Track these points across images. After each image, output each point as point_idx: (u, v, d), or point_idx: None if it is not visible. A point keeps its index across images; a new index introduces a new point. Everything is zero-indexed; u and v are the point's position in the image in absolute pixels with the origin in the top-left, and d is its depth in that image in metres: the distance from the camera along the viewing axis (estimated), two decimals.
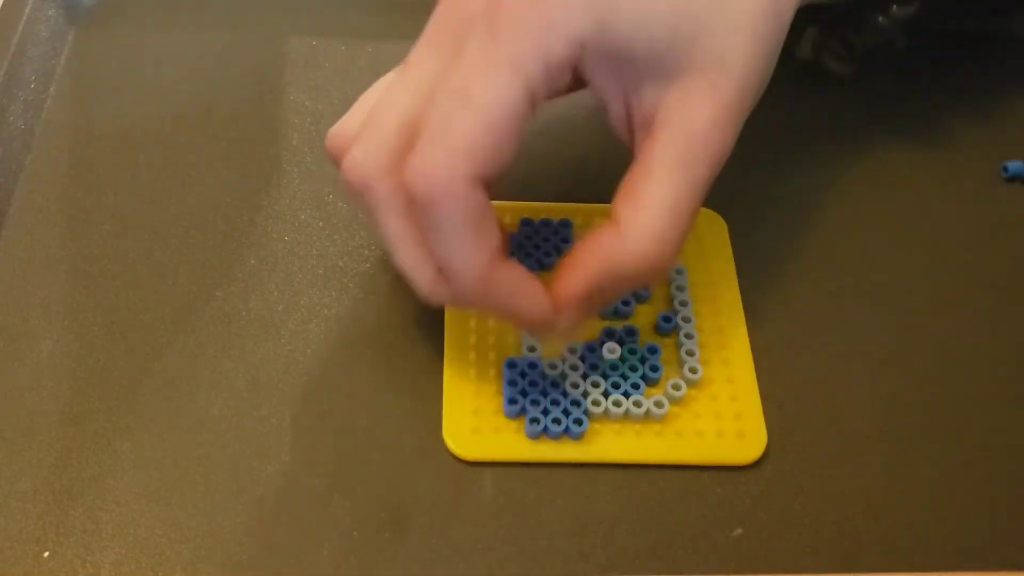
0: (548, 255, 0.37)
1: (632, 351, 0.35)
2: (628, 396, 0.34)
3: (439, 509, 0.32)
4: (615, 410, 0.34)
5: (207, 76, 0.43)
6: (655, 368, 0.34)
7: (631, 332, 0.35)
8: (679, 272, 0.37)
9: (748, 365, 0.35)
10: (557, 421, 0.33)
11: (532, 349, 0.35)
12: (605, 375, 0.34)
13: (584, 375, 0.34)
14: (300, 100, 0.43)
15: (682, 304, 0.36)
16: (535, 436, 0.33)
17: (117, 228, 0.38)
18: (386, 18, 0.46)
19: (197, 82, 0.43)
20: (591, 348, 0.35)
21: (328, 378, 0.35)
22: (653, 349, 0.35)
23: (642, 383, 0.34)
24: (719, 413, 0.34)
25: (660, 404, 0.34)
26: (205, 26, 0.45)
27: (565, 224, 0.38)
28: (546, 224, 0.38)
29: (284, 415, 0.34)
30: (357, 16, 0.46)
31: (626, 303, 0.36)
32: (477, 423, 0.34)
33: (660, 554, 0.32)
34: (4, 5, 0.42)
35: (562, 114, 0.43)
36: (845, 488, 0.33)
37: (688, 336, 0.36)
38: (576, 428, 0.33)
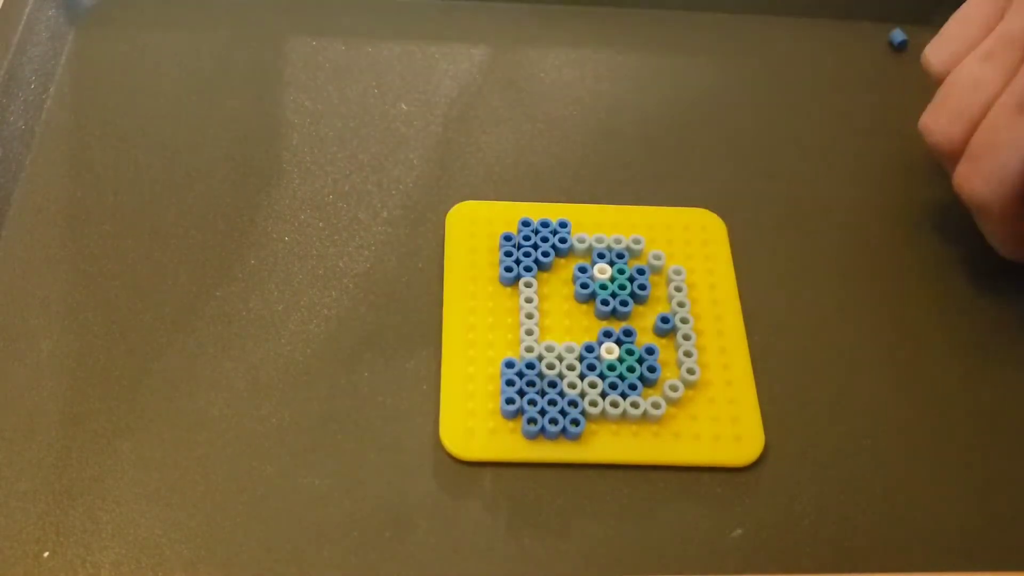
0: (546, 255, 0.37)
1: (630, 352, 0.35)
2: (625, 397, 0.34)
3: (438, 509, 0.32)
4: (612, 411, 0.34)
5: (207, 76, 0.43)
6: (653, 369, 0.35)
7: (629, 333, 0.35)
8: (678, 272, 0.37)
9: (746, 367, 0.35)
10: (554, 421, 0.33)
11: (530, 349, 0.35)
12: (602, 376, 0.34)
13: (581, 375, 0.34)
14: (300, 100, 0.43)
15: (680, 305, 0.36)
16: (532, 436, 0.33)
17: (117, 228, 0.38)
18: (386, 18, 0.46)
19: (197, 82, 0.43)
20: (589, 348, 0.35)
21: (328, 378, 0.35)
22: (651, 350, 0.35)
23: (640, 384, 0.34)
24: (717, 415, 0.34)
25: (657, 405, 0.34)
26: (205, 26, 0.45)
27: (563, 224, 0.38)
28: (544, 224, 0.38)
29: (284, 415, 0.34)
30: (357, 16, 0.46)
31: (624, 303, 0.36)
32: (474, 423, 0.34)
33: (658, 554, 0.32)
34: (4, 5, 0.42)
35: (561, 114, 0.43)
36: (843, 489, 0.33)
37: (686, 337, 0.36)
38: (573, 428, 0.33)
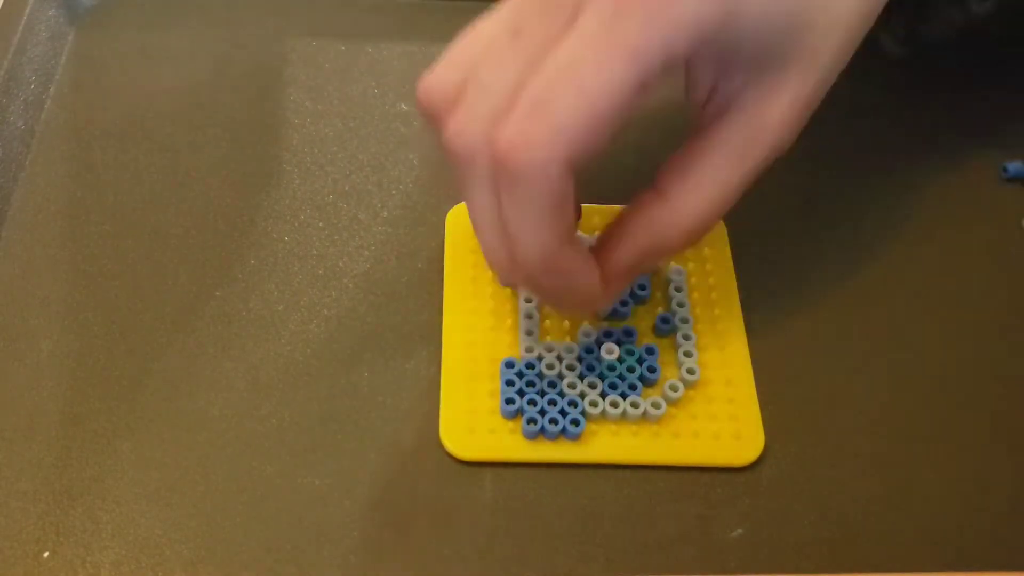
0: None
1: (630, 352, 0.35)
2: (625, 397, 0.34)
3: (438, 509, 0.32)
4: (612, 411, 0.34)
5: (207, 76, 0.43)
6: (653, 369, 0.35)
7: (629, 333, 0.35)
8: (678, 273, 0.37)
9: (746, 366, 0.35)
10: (554, 421, 0.33)
11: (530, 350, 0.35)
12: (602, 376, 0.34)
13: (581, 376, 0.34)
14: (300, 100, 0.43)
15: (680, 305, 0.36)
16: (532, 436, 0.33)
17: (117, 228, 0.38)
18: (386, 18, 0.46)
19: (197, 82, 0.43)
20: (589, 349, 0.35)
21: (328, 378, 0.35)
22: (651, 350, 0.35)
23: (639, 384, 0.34)
24: (716, 414, 0.34)
25: (657, 405, 0.34)
26: (205, 26, 0.45)
27: None
28: None
29: (284, 415, 0.34)
30: (357, 16, 0.46)
31: (624, 303, 0.36)
32: (474, 423, 0.34)
33: (658, 554, 0.32)
34: (4, 5, 0.42)
35: None
36: (843, 489, 0.33)
37: (686, 337, 0.36)
38: (573, 429, 0.33)
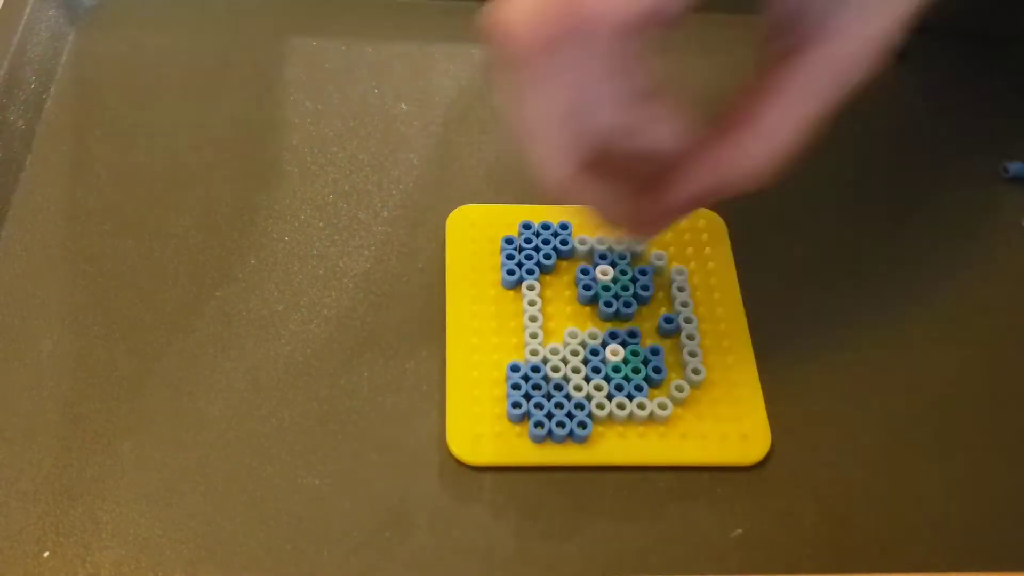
0: (548, 258, 0.37)
1: (635, 353, 0.35)
2: (632, 398, 0.34)
3: (439, 510, 0.32)
4: (619, 412, 0.33)
5: (207, 76, 0.43)
6: (658, 370, 0.34)
7: (633, 334, 0.35)
8: (679, 273, 0.37)
9: (751, 366, 0.35)
10: (561, 424, 0.33)
11: (535, 353, 0.35)
12: (608, 378, 0.34)
13: (587, 378, 0.34)
14: (300, 100, 0.43)
15: (683, 305, 0.36)
16: (539, 440, 0.33)
17: (117, 228, 0.38)
18: (386, 18, 0.46)
19: (197, 82, 0.43)
20: (594, 351, 0.35)
21: (328, 378, 0.35)
22: (656, 351, 0.35)
23: (645, 385, 0.34)
24: (723, 415, 0.34)
25: (664, 406, 0.34)
26: (205, 26, 0.45)
27: (564, 226, 0.38)
28: (546, 227, 0.38)
29: (284, 415, 0.34)
30: (357, 16, 0.46)
31: (627, 305, 0.36)
32: (481, 428, 0.33)
33: (666, 555, 0.32)
34: (4, 5, 0.42)
35: None
36: (846, 488, 0.33)
37: (690, 337, 0.36)
38: (580, 431, 0.33)
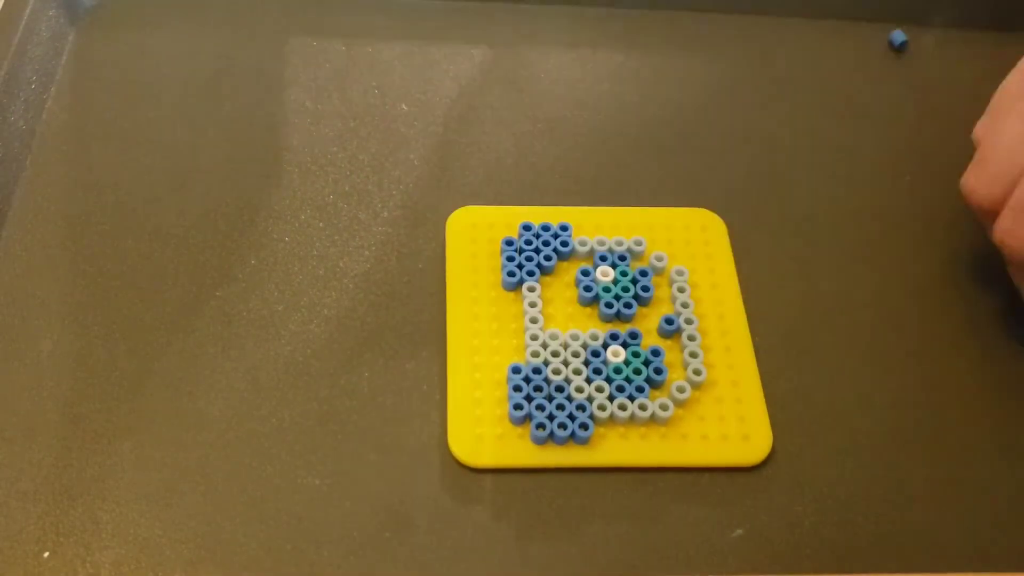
0: (549, 259, 0.37)
1: (636, 354, 0.35)
2: (633, 399, 0.34)
3: (440, 511, 0.32)
4: (620, 414, 0.33)
5: (207, 76, 0.43)
6: (659, 371, 0.34)
7: (634, 335, 0.35)
8: (680, 273, 0.37)
9: (752, 366, 0.35)
10: (563, 426, 0.33)
11: (536, 354, 0.35)
12: (609, 379, 0.34)
13: (588, 379, 0.34)
14: (300, 100, 0.43)
15: (684, 306, 0.36)
16: (541, 442, 0.33)
17: (117, 228, 0.38)
18: (386, 18, 0.46)
19: (197, 82, 0.43)
20: (595, 352, 0.35)
21: (328, 378, 0.35)
22: (657, 352, 0.35)
23: (647, 386, 0.34)
24: (724, 415, 0.34)
25: (665, 407, 0.34)
26: (205, 26, 0.45)
27: (564, 227, 0.38)
28: (545, 228, 0.38)
29: (284, 415, 0.34)
30: (357, 16, 0.46)
31: (628, 305, 0.36)
32: (482, 430, 0.33)
33: (668, 556, 0.32)
34: (4, 5, 0.42)
35: (561, 115, 0.43)
36: (847, 488, 0.33)
37: (691, 338, 0.35)
38: (582, 433, 0.33)
